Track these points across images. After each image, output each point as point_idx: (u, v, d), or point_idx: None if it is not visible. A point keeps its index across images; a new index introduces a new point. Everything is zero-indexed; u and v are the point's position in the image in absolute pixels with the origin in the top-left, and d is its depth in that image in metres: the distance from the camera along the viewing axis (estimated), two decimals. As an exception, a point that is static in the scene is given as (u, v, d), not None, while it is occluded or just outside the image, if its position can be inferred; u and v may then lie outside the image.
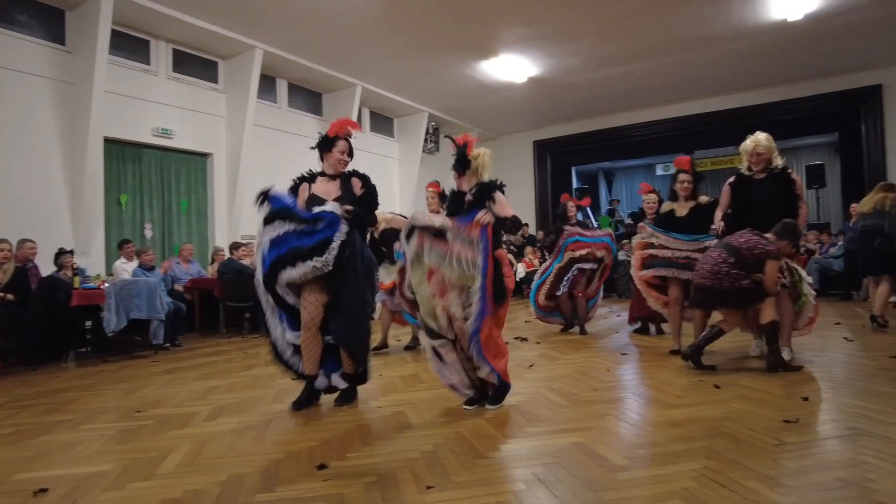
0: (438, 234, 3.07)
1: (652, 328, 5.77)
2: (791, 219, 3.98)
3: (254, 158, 8.57)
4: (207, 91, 8.25)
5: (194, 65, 8.08)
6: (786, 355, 3.98)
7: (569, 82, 9.96)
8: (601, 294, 6.21)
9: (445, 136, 3.95)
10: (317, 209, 3.20)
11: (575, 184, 14.76)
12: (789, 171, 4.23)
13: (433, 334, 3.10)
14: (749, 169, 4.30)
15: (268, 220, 3.17)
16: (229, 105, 8.42)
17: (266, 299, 3.25)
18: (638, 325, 5.92)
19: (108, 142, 6.91)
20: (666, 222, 4.66)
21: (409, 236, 3.13)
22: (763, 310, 3.85)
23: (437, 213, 4.75)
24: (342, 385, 3.38)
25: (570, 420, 2.88)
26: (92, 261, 6.61)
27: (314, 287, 3.21)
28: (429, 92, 10.46)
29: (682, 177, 4.62)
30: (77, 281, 5.48)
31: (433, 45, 8.22)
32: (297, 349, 3.33)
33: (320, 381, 3.36)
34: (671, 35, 8.06)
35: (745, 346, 4.69)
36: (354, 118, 9.82)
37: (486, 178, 3.34)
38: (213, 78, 8.33)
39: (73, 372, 4.94)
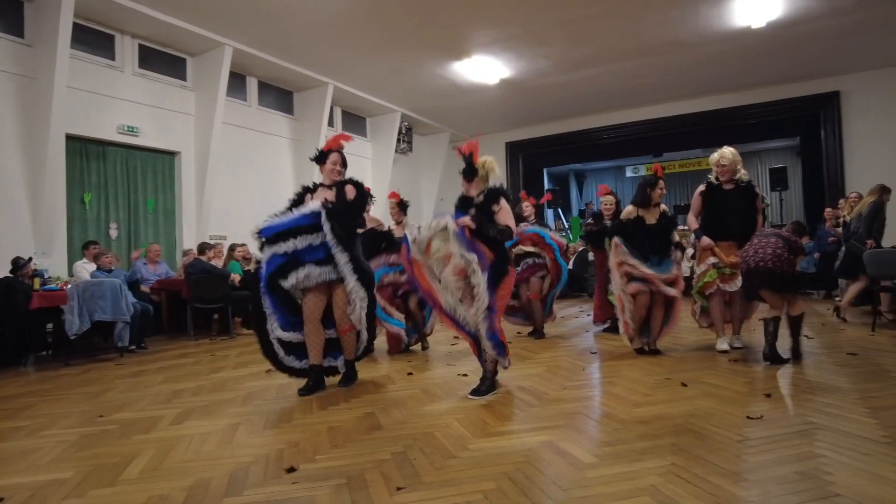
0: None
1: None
2: (752, 226, 4.44)
3: (223, 157, 8.43)
4: (175, 88, 8.08)
5: (162, 61, 7.91)
6: (738, 343, 4.65)
7: (540, 84, 10.06)
8: (555, 296, 5.75)
9: (454, 148, 4.18)
10: (299, 210, 3.58)
11: (546, 185, 14.91)
12: (755, 185, 4.61)
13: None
14: (717, 179, 4.59)
15: (268, 244, 3.57)
16: (198, 103, 8.26)
17: (266, 302, 3.65)
18: (607, 325, 5.99)
19: (71, 139, 6.71)
20: (637, 230, 4.62)
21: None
22: (796, 301, 4.12)
23: (399, 223, 5.18)
24: (342, 369, 3.87)
25: (540, 419, 2.90)
26: (54, 261, 6.40)
27: (316, 290, 3.63)
28: (402, 92, 10.44)
29: (661, 183, 4.69)
30: (37, 282, 5.31)
31: (406, 44, 8.21)
32: (288, 348, 3.73)
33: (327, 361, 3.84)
34: (639, 39, 8.21)
35: (711, 342, 4.82)
36: (326, 117, 9.80)
37: (492, 182, 3.60)
38: (181, 75, 8.16)
39: (32, 376, 4.78)
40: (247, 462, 2.43)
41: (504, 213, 3.44)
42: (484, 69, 9.15)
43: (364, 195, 3.81)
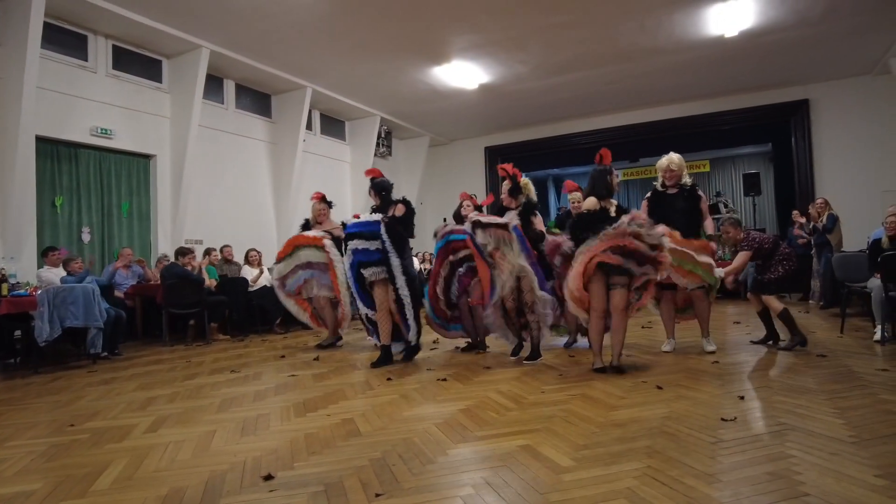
0: (498, 226, 4.52)
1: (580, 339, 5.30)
2: (696, 228, 4.58)
3: (199, 160, 8.33)
4: (150, 90, 7.96)
5: (136, 63, 7.79)
6: (710, 346, 4.71)
7: (518, 90, 10.14)
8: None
9: (499, 167, 5.12)
10: (364, 217, 4.71)
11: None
12: (697, 188, 4.80)
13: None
14: (663, 185, 4.78)
15: (347, 239, 4.70)
16: (174, 105, 8.15)
17: (355, 288, 4.82)
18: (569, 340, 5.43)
19: (41, 141, 6.56)
20: (601, 222, 4.04)
21: (475, 229, 4.61)
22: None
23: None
24: (401, 348, 4.90)
25: (518, 423, 2.92)
26: (23, 266, 6.25)
27: (380, 284, 4.67)
28: (381, 95, 10.43)
29: (616, 172, 4.37)
30: (5, 288, 5.17)
31: (385, 49, 8.20)
32: (373, 324, 4.89)
33: (395, 346, 4.87)
34: (615, 46, 8.33)
35: (685, 344, 4.89)
36: (304, 121, 9.76)
37: (523, 199, 4.84)
38: (156, 77, 8.04)
39: (-1, 384, 4.65)
40: (223, 470, 2.39)
41: (538, 222, 4.72)
42: (463, 74, 9.20)
43: (412, 211, 4.77)
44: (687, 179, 4.76)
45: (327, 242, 5.56)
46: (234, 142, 9.25)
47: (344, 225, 4.83)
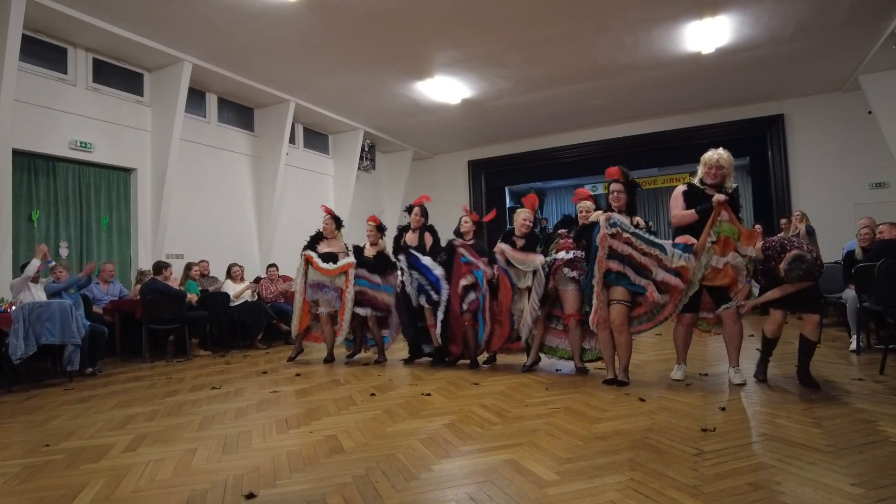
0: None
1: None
2: None
3: (181, 174, 8.26)
4: (131, 104, 7.89)
5: (117, 76, 7.72)
6: (738, 378, 3.99)
7: (500, 104, 10.24)
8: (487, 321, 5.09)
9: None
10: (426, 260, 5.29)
11: (508, 203, 15.09)
12: (738, 195, 4.16)
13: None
14: (702, 182, 4.10)
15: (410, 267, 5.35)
16: (155, 119, 8.08)
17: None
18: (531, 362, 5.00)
19: (18, 154, 6.46)
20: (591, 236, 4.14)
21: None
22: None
23: (376, 244, 5.91)
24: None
25: (502, 437, 2.92)
26: (-4, 282, 6.12)
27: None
28: (364, 109, 10.46)
29: (613, 186, 4.15)
30: (-21, 304, 5.06)
31: (368, 63, 8.24)
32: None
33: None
34: (594, 62, 8.46)
35: (668, 356, 4.94)
36: (287, 134, 9.74)
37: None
38: (137, 90, 7.98)
39: (-29, 404, 4.53)
40: (204, 489, 2.36)
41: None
42: (446, 89, 9.27)
43: (439, 241, 5.52)
44: (730, 183, 4.06)
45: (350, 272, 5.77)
46: (216, 155, 9.19)
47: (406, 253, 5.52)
